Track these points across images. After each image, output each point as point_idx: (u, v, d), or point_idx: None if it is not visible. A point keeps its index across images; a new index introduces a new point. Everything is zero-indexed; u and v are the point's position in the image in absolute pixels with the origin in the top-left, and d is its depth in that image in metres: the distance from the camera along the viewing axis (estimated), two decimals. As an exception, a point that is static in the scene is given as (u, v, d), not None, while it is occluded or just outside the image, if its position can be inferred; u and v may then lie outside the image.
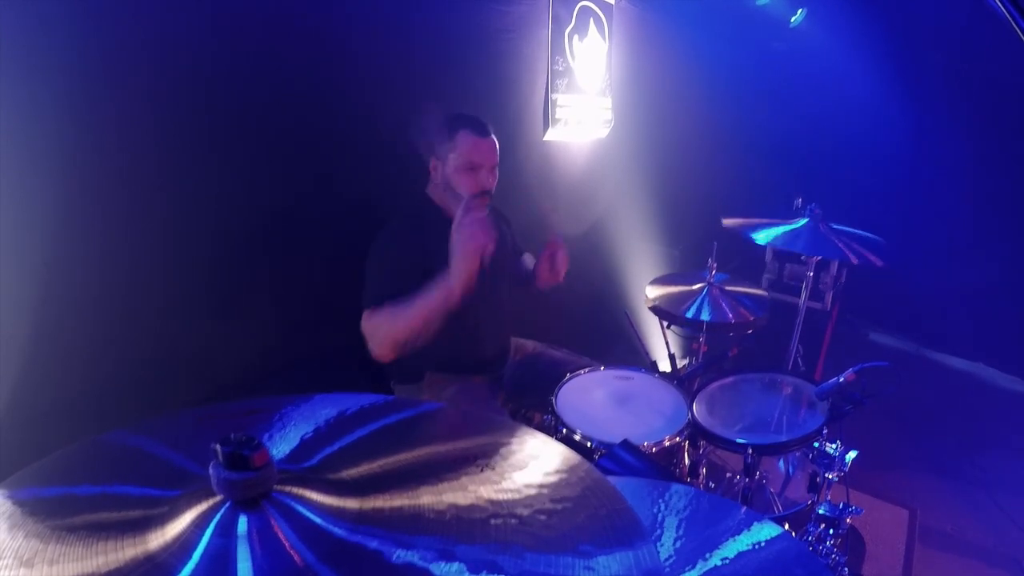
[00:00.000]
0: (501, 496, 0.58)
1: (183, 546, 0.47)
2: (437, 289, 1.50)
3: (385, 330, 1.54)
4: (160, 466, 0.62)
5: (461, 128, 1.67)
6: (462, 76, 2.03)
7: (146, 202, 1.34)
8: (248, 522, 0.48)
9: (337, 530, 0.50)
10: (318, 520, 0.50)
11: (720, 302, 2.19)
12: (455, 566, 0.49)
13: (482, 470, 0.61)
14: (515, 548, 0.51)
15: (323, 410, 0.71)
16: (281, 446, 0.64)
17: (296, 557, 0.47)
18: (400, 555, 0.49)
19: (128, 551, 0.48)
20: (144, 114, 1.30)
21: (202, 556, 0.46)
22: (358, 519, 0.51)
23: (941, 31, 3.18)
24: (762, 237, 2.13)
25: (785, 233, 2.15)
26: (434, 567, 0.48)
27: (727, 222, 2.22)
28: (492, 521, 0.54)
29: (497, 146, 1.73)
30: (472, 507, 0.55)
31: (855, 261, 2.06)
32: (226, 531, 0.48)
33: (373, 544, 0.50)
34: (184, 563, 0.46)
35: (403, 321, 1.52)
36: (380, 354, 1.55)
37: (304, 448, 0.64)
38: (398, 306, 1.53)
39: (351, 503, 0.53)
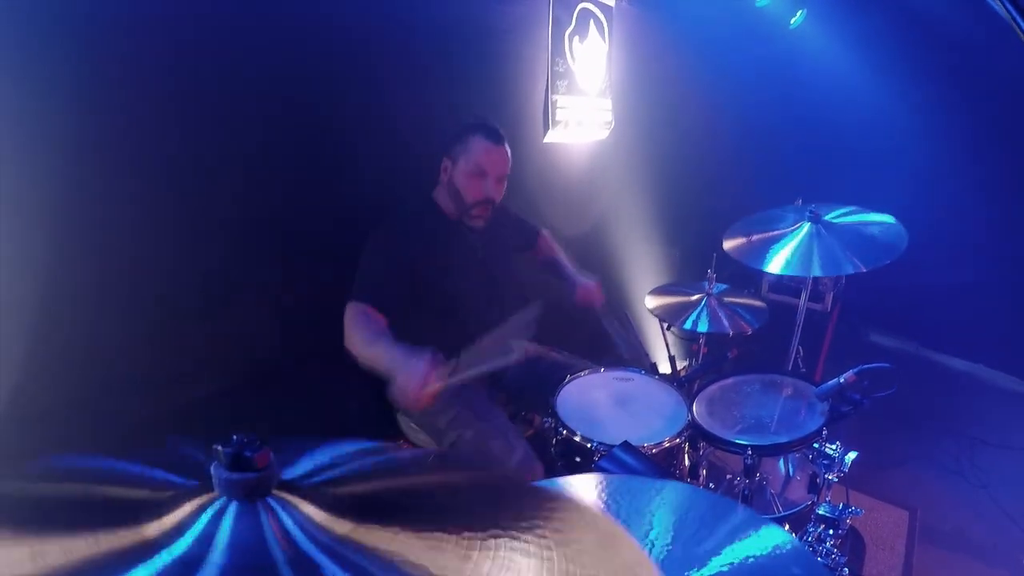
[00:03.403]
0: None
1: (176, 530, 0.48)
2: (390, 360, 1.45)
3: (349, 335, 1.55)
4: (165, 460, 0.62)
5: (476, 132, 1.67)
6: (462, 77, 2.04)
7: (148, 202, 1.35)
8: (236, 510, 0.49)
9: (310, 545, 0.49)
10: (298, 530, 0.50)
11: (718, 314, 2.19)
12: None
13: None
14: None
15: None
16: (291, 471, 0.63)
17: (268, 552, 0.47)
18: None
19: (120, 534, 0.49)
20: (147, 114, 1.30)
21: (194, 538, 0.47)
22: (340, 541, 0.50)
23: (941, 31, 3.18)
24: (770, 267, 2.08)
25: (791, 255, 2.08)
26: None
27: (728, 246, 2.19)
28: None
29: (509, 156, 1.73)
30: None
31: (864, 270, 1.99)
32: (216, 518, 0.49)
33: (331, 570, 0.47)
34: (174, 541, 0.47)
35: (358, 346, 1.53)
36: (348, 347, 1.57)
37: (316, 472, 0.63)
38: (369, 328, 1.53)
39: (343, 526, 0.52)
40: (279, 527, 0.50)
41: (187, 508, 0.50)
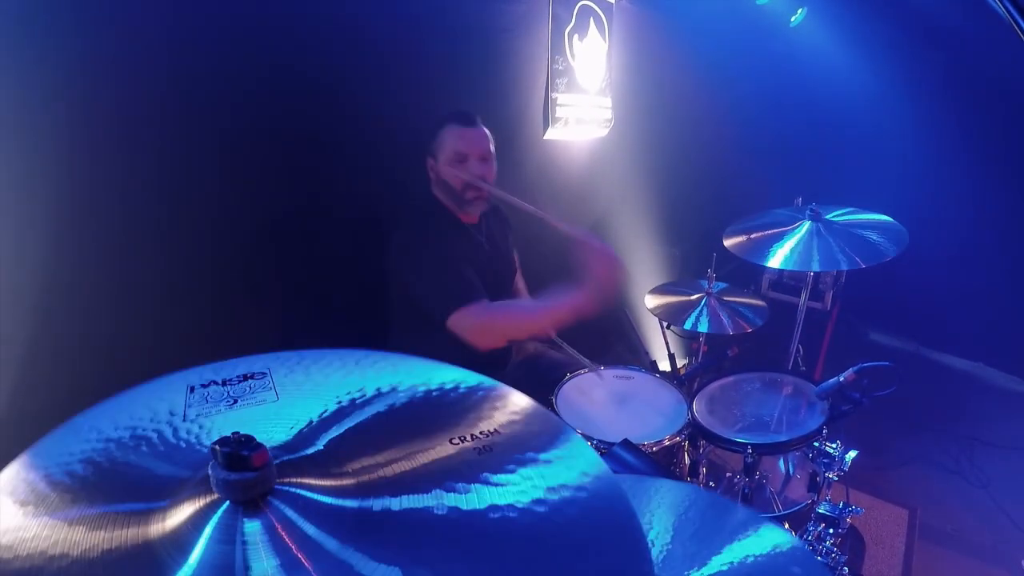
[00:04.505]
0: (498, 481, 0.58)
1: (182, 546, 0.47)
2: (566, 301, 1.51)
3: (499, 327, 1.58)
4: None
5: (447, 123, 1.68)
6: (462, 75, 2.03)
7: (148, 203, 1.34)
8: (256, 526, 0.49)
9: (347, 503, 0.52)
10: (323, 505, 0.51)
11: (718, 313, 2.18)
12: (457, 496, 0.52)
13: (480, 453, 0.61)
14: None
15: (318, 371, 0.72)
16: (277, 427, 0.63)
17: (303, 557, 0.47)
18: (405, 502, 0.52)
19: (131, 539, 0.48)
20: (146, 114, 1.30)
21: (200, 561, 0.47)
22: (359, 491, 0.53)
23: (941, 31, 3.17)
24: (770, 262, 2.08)
25: (791, 251, 2.08)
26: (437, 504, 0.52)
27: (728, 243, 2.19)
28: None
29: (488, 135, 1.72)
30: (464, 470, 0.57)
31: (863, 265, 2.01)
32: (229, 536, 0.48)
33: (378, 505, 0.52)
34: (182, 553, 0.47)
35: (525, 321, 1.59)
36: (487, 345, 1.56)
37: (301, 434, 0.63)
38: (515, 307, 1.61)
39: (348, 481, 0.54)
40: (285, 523, 0.49)
41: (188, 511, 0.50)
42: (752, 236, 2.20)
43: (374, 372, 0.75)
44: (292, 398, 0.68)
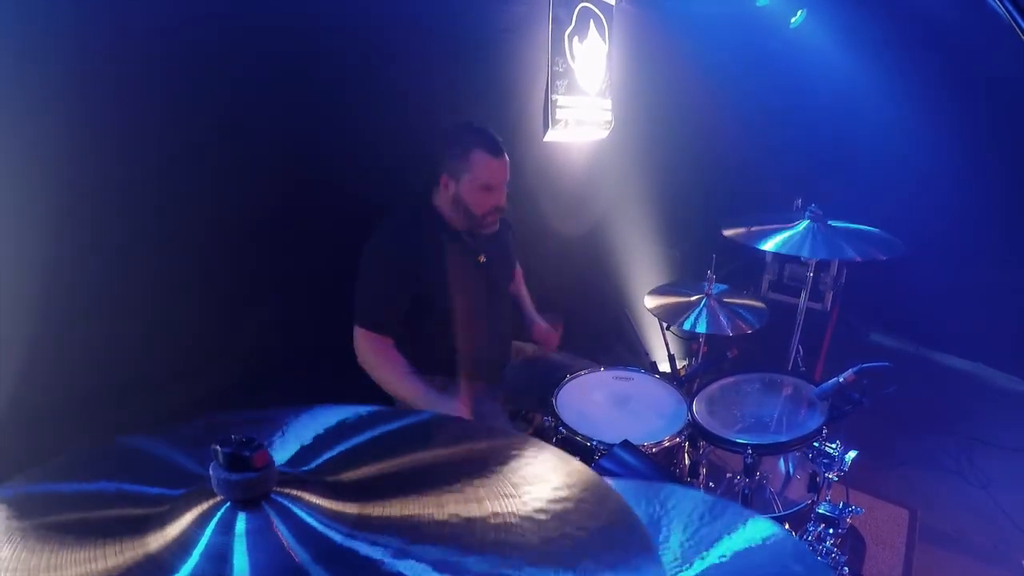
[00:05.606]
0: (507, 509, 0.55)
1: (183, 545, 0.47)
2: (426, 402, 1.59)
3: (372, 367, 1.65)
4: (163, 466, 0.62)
5: (475, 147, 1.66)
6: (462, 75, 2.03)
7: (147, 203, 1.34)
8: (247, 520, 0.48)
9: (333, 534, 0.50)
10: (315, 523, 0.50)
11: (718, 314, 2.18)
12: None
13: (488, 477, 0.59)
14: (515, 561, 0.50)
15: (324, 419, 0.71)
16: (281, 452, 0.63)
17: (293, 556, 0.47)
18: (392, 564, 0.48)
19: (127, 551, 0.48)
20: (145, 113, 1.30)
21: (201, 554, 0.47)
22: (356, 524, 0.51)
23: (941, 31, 3.18)
24: (765, 245, 2.15)
25: (787, 239, 2.16)
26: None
27: (728, 232, 2.22)
28: (492, 535, 0.52)
29: (508, 163, 1.72)
30: (474, 520, 0.54)
31: (859, 259, 2.06)
32: (225, 529, 0.48)
33: (366, 551, 0.49)
34: (183, 561, 0.46)
35: (391, 385, 1.64)
36: (362, 367, 1.67)
37: (304, 453, 0.63)
38: (396, 367, 1.64)
39: (351, 508, 0.53)
40: (292, 525, 0.49)
41: (190, 516, 0.50)
42: (752, 229, 2.24)
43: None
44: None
